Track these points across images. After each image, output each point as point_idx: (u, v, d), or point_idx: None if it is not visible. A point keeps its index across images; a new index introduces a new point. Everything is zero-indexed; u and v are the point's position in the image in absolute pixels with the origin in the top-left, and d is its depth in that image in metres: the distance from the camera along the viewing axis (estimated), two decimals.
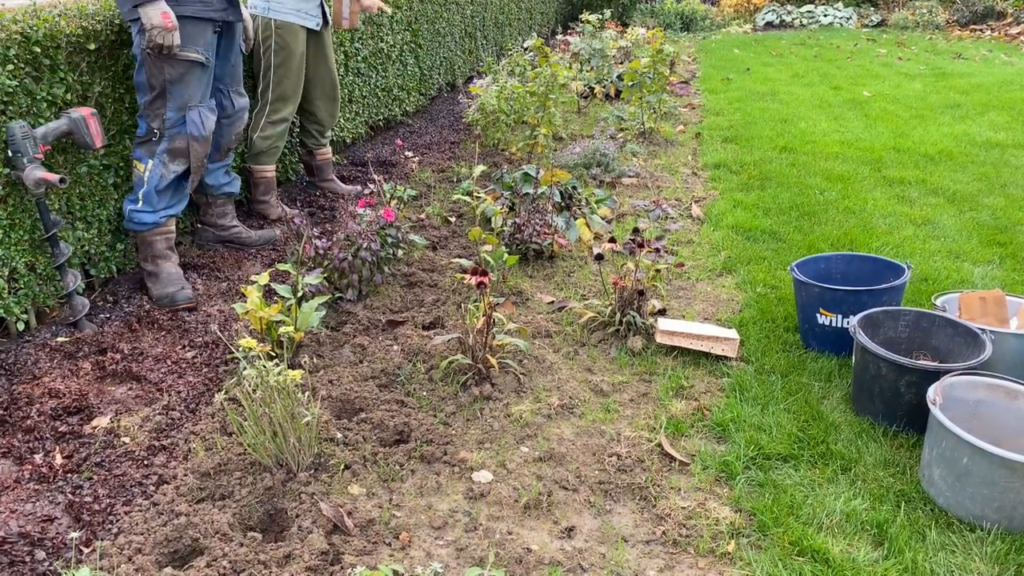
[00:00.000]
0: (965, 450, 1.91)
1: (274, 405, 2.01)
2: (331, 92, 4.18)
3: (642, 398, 2.55)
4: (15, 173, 2.59)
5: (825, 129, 6.05)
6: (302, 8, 3.80)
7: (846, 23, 13.52)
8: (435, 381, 2.60)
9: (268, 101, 3.85)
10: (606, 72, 7.46)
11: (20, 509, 1.97)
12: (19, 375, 2.56)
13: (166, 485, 2.07)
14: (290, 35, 3.78)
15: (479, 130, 5.64)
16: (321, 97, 4.13)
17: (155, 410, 2.44)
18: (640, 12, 13.63)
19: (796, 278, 2.80)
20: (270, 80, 3.83)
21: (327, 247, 3.11)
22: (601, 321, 2.95)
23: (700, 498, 2.06)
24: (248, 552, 1.81)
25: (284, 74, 3.81)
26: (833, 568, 1.80)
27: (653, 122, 5.97)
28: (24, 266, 2.70)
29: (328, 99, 4.18)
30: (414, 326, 3.00)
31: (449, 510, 2.02)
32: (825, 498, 2.04)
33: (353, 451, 2.21)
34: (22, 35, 2.63)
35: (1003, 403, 2.13)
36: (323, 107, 4.18)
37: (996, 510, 1.90)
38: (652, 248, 2.93)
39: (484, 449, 2.27)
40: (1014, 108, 6.66)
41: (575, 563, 1.84)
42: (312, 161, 4.39)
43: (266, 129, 3.85)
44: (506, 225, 3.66)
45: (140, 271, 3.21)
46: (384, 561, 1.82)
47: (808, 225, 4.01)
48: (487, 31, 8.34)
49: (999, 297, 2.56)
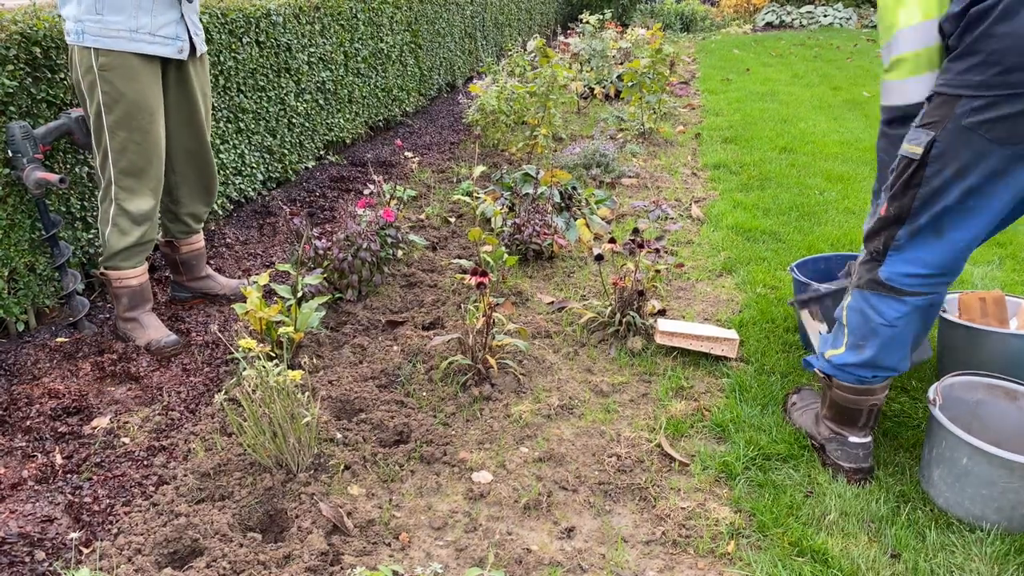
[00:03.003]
0: (964, 450, 1.91)
1: (274, 405, 2.01)
2: (199, 158, 2.88)
3: (642, 398, 2.55)
4: (15, 173, 2.59)
5: (825, 129, 6.05)
6: (143, 26, 2.47)
7: (846, 24, 13.53)
8: (435, 381, 2.60)
9: (111, 180, 2.60)
10: (606, 72, 7.46)
11: (20, 509, 1.97)
12: (19, 375, 2.56)
13: (166, 485, 2.07)
14: (125, 75, 2.49)
15: (479, 130, 5.64)
16: (185, 165, 2.86)
17: (155, 410, 2.44)
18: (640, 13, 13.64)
19: (796, 278, 2.80)
20: (105, 146, 2.55)
21: (327, 247, 3.11)
22: (601, 321, 2.95)
23: (700, 498, 2.06)
24: (248, 552, 1.81)
25: (127, 136, 2.54)
26: (833, 568, 1.80)
27: (653, 122, 5.97)
28: (24, 266, 2.70)
29: (195, 169, 2.89)
30: (414, 326, 3.00)
31: (449, 510, 2.02)
32: (825, 499, 2.04)
33: (353, 451, 2.21)
34: (22, 35, 2.63)
35: (1003, 404, 2.13)
36: (187, 182, 2.90)
37: (996, 511, 1.90)
38: (652, 248, 2.93)
39: (484, 449, 2.27)
40: None
41: (575, 563, 1.84)
42: (175, 256, 3.05)
43: (121, 220, 2.64)
44: (506, 225, 3.66)
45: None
46: (384, 561, 1.82)
47: (808, 225, 4.01)
48: (487, 31, 8.34)
49: (999, 298, 2.56)
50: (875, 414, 2.10)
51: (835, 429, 2.14)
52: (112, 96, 2.50)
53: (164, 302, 3.17)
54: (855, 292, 2.01)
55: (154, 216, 2.71)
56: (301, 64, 4.46)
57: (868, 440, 2.12)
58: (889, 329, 1.95)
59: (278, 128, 4.31)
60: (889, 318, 1.94)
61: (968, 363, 2.39)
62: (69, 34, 2.47)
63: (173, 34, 2.58)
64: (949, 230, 1.84)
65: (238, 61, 3.84)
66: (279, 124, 4.32)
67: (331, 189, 4.59)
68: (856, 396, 2.08)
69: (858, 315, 2.00)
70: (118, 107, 2.52)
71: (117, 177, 2.60)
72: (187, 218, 3.00)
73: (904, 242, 1.89)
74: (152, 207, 2.68)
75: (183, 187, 2.92)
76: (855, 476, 2.11)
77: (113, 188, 2.61)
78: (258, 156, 4.15)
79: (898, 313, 1.93)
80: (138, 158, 2.59)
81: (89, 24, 2.43)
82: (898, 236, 1.89)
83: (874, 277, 1.95)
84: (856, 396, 2.08)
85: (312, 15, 4.56)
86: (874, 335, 1.98)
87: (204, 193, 2.99)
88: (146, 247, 2.73)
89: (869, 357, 2.01)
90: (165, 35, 2.55)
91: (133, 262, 2.71)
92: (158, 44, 2.54)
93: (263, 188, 4.30)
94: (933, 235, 1.85)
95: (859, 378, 2.05)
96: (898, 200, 1.87)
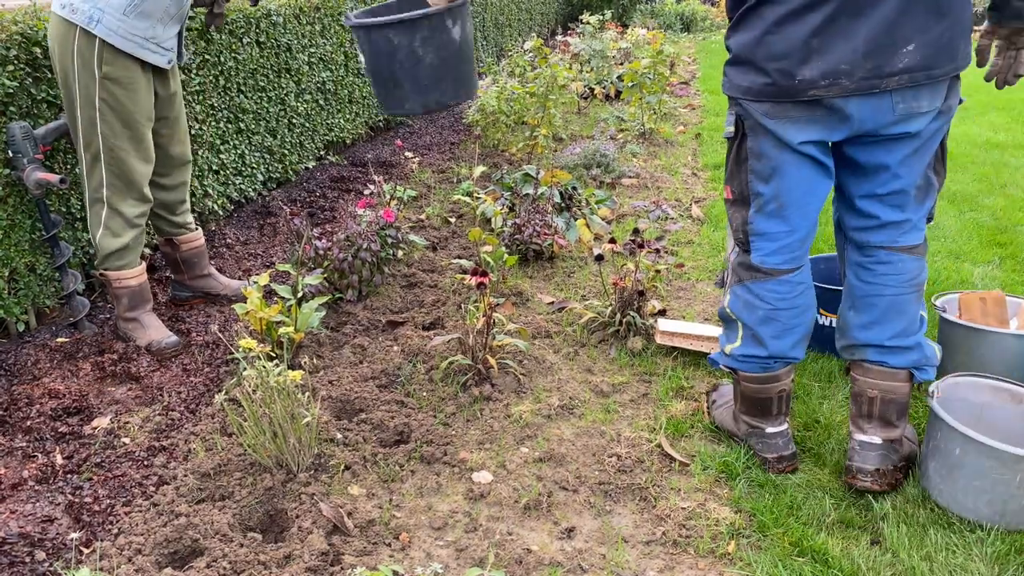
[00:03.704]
0: (957, 441, 1.92)
1: (274, 406, 2.01)
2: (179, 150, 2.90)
3: (642, 398, 2.55)
4: (15, 174, 2.59)
5: None
6: (156, 36, 2.54)
7: None
8: (435, 381, 2.60)
9: (102, 182, 2.61)
10: (606, 73, 7.46)
11: (20, 509, 1.97)
12: (19, 376, 2.56)
13: (166, 486, 2.07)
14: (125, 84, 2.53)
15: (479, 131, 5.64)
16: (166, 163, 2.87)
17: (155, 411, 2.44)
18: (640, 13, 13.64)
19: None
20: (97, 149, 2.57)
21: (327, 248, 3.11)
22: (601, 322, 2.95)
23: (700, 499, 2.06)
24: (248, 553, 1.81)
25: (119, 143, 2.58)
26: (833, 569, 1.80)
27: (653, 123, 5.97)
28: (24, 267, 2.70)
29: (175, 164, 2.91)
30: (414, 326, 3.00)
31: (449, 510, 2.02)
32: (825, 498, 2.04)
33: (353, 451, 2.21)
34: (22, 35, 2.64)
35: (1009, 407, 2.13)
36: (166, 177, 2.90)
37: (987, 503, 1.90)
38: (652, 249, 2.93)
39: (484, 449, 2.27)
40: (1014, 109, 6.66)
41: (575, 564, 1.84)
42: (176, 254, 3.06)
43: (113, 222, 2.66)
44: (506, 226, 3.66)
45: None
46: (384, 561, 1.82)
47: None
48: (487, 32, 8.34)
49: (999, 298, 2.56)
50: (785, 400, 2.16)
51: (751, 423, 2.19)
52: (111, 105, 2.53)
53: (164, 302, 3.17)
54: (736, 288, 2.11)
55: (145, 217, 2.76)
56: (301, 64, 4.46)
57: (784, 428, 2.17)
58: (773, 311, 2.04)
59: (278, 128, 4.31)
60: (767, 299, 2.04)
61: (968, 363, 2.39)
62: (76, 12, 2.42)
63: (170, 46, 2.65)
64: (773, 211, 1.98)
65: (238, 61, 3.84)
66: (279, 124, 4.32)
67: (331, 189, 4.59)
68: (762, 385, 2.13)
69: (743, 304, 2.09)
70: (116, 117, 2.55)
71: (109, 181, 2.61)
72: (166, 211, 2.96)
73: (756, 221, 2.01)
74: (144, 210, 2.73)
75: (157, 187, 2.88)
76: (779, 465, 2.15)
77: (105, 191, 2.63)
78: (258, 156, 4.15)
79: (775, 293, 2.03)
80: (132, 163, 2.62)
81: (110, 18, 2.43)
82: (750, 220, 2.02)
83: (743, 262, 2.08)
84: (762, 385, 2.13)
85: (312, 15, 4.57)
86: (763, 322, 2.06)
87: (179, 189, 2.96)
88: (137, 248, 2.76)
89: (764, 343, 2.08)
90: (166, 47, 2.63)
91: (126, 261, 2.73)
92: (158, 54, 2.61)
93: (263, 188, 4.30)
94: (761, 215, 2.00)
95: (762, 366, 2.11)
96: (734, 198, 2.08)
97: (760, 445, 2.18)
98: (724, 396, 2.41)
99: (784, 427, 2.17)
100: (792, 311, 2.05)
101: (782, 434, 2.16)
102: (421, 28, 2.05)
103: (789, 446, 2.16)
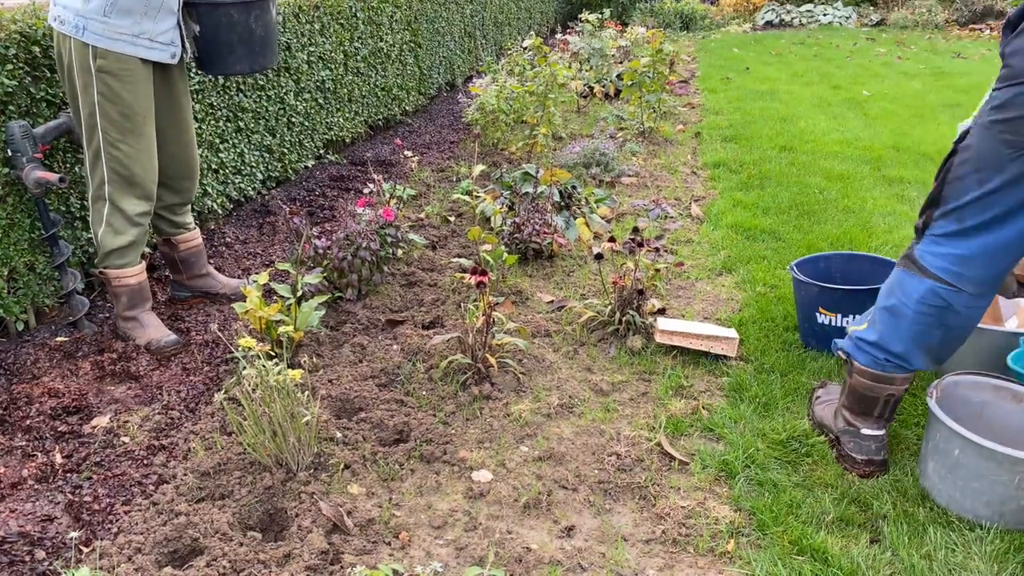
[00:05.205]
0: (956, 442, 1.92)
1: (274, 405, 2.01)
2: (184, 157, 2.87)
3: (641, 397, 2.55)
4: (14, 173, 2.59)
5: (824, 128, 6.05)
6: (145, 31, 2.51)
7: (845, 22, 13.53)
8: (435, 380, 2.60)
9: (103, 179, 2.61)
10: (605, 71, 7.46)
11: (20, 509, 1.97)
12: (19, 375, 2.56)
13: (166, 485, 2.07)
14: (122, 77, 2.51)
15: (478, 129, 5.64)
16: (168, 165, 2.83)
17: (155, 410, 2.44)
18: (640, 11, 13.63)
19: (795, 277, 2.80)
20: (98, 146, 2.56)
21: (326, 247, 3.11)
22: (601, 320, 2.95)
23: (700, 497, 2.06)
24: (248, 552, 1.81)
25: (121, 138, 2.56)
26: (833, 567, 1.80)
27: (653, 121, 5.96)
28: (23, 266, 2.70)
29: (180, 164, 2.87)
30: (414, 325, 3.00)
31: (449, 509, 2.02)
32: (824, 497, 2.04)
33: (353, 450, 2.21)
34: (22, 34, 2.63)
35: (1009, 406, 2.13)
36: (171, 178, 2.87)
37: (985, 504, 1.90)
38: (652, 247, 2.93)
39: (484, 448, 2.27)
40: None
41: (575, 562, 1.84)
42: (174, 253, 3.06)
43: (115, 220, 2.66)
44: (505, 224, 3.66)
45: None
46: (384, 560, 1.82)
47: (807, 224, 4.01)
48: (486, 30, 8.34)
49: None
50: (891, 406, 2.10)
51: (850, 420, 2.14)
52: (108, 97, 2.51)
53: (164, 301, 3.17)
54: (895, 270, 2.03)
55: (148, 217, 2.73)
56: (301, 63, 4.45)
57: (882, 433, 2.11)
58: (905, 308, 1.96)
59: (278, 127, 4.31)
60: (908, 296, 1.95)
61: (962, 361, 2.39)
62: (65, 23, 2.45)
63: (169, 40, 2.59)
64: (974, 230, 1.83)
65: None
66: (279, 123, 4.32)
67: (331, 188, 4.59)
68: (874, 383, 2.08)
69: (887, 289, 2.03)
70: (114, 108, 2.53)
71: (111, 177, 2.60)
72: (167, 212, 2.95)
73: (938, 226, 1.90)
74: (147, 209, 2.70)
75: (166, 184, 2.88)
76: (867, 468, 2.11)
77: (107, 187, 2.61)
78: (258, 155, 4.15)
79: (917, 294, 1.93)
80: (132, 159, 2.60)
81: (93, 23, 2.43)
82: (934, 217, 1.91)
83: (909, 252, 1.98)
84: (874, 383, 2.08)
85: (311, 14, 4.56)
86: (890, 313, 2.00)
87: (184, 186, 2.94)
88: (139, 246, 2.74)
89: (879, 335, 2.02)
90: (163, 41, 2.57)
91: (127, 260, 2.71)
92: (156, 49, 2.56)
93: (263, 187, 4.29)
94: (957, 225, 1.85)
95: (872, 359, 2.05)
96: (937, 181, 1.90)
97: (852, 444, 2.14)
98: (831, 393, 2.38)
99: (882, 432, 2.12)
100: (921, 319, 1.96)
101: (878, 439, 2.12)
102: (255, 8, 2.71)
103: (882, 452, 2.12)
